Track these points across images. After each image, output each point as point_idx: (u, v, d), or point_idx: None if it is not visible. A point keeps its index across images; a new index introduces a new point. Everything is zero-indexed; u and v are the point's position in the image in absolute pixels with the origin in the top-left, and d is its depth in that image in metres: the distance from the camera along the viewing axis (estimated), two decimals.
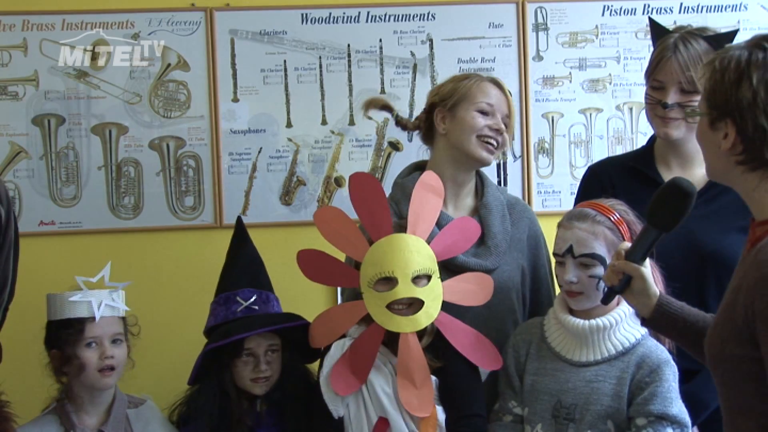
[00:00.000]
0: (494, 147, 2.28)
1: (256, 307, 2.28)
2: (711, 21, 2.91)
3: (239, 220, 2.45)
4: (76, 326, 2.16)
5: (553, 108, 3.08)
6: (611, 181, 2.27)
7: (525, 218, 2.36)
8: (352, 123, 3.01)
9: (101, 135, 2.95)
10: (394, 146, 3.02)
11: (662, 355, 1.95)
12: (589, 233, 1.96)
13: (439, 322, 2.11)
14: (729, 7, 3.09)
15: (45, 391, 2.21)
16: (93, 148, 2.95)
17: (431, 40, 3.04)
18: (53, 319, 2.20)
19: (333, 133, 3.02)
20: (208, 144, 2.98)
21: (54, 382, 2.21)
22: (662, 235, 1.72)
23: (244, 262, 2.37)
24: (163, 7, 2.96)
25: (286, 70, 3.00)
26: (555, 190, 3.08)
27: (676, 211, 1.68)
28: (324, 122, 3.02)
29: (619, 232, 1.96)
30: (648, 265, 1.77)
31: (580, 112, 3.09)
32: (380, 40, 3.02)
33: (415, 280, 2.07)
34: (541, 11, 3.06)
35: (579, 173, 2.99)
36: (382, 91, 3.02)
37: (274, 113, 3.00)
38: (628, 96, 3.08)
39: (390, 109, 2.46)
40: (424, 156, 2.47)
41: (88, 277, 2.22)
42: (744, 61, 1.46)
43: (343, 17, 3.01)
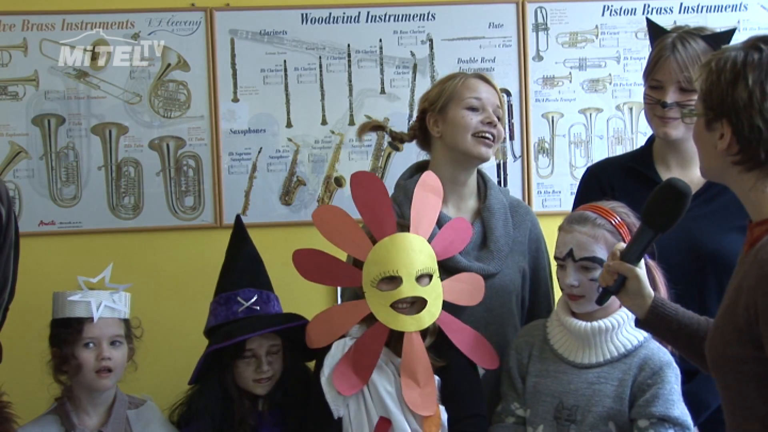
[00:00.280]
0: (491, 141, 2.27)
1: (257, 308, 2.28)
2: (711, 21, 2.92)
3: (238, 219, 2.45)
4: (75, 326, 2.16)
5: (553, 108, 3.08)
6: (610, 182, 2.27)
7: (527, 221, 2.36)
8: (352, 123, 3.01)
9: (101, 135, 2.95)
10: (394, 146, 3.02)
11: (664, 357, 1.95)
12: (590, 237, 1.95)
13: (441, 321, 2.12)
14: (729, 7, 3.09)
15: (45, 391, 2.21)
16: (93, 148, 2.95)
17: (431, 40, 3.04)
18: (55, 318, 2.21)
19: (333, 133, 3.02)
20: (208, 144, 2.98)
21: (55, 382, 2.21)
22: (658, 236, 1.72)
23: (244, 261, 2.36)
24: (163, 7, 2.96)
25: (286, 70, 3.00)
26: (555, 190, 3.08)
27: (672, 212, 1.68)
28: (324, 122, 3.02)
29: (620, 235, 1.96)
30: (643, 266, 1.77)
31: (580, 112, 3.09)
32: (380, 40, 3.02)
33: (419, 279, 2.08)
34: (541, 11, 3.06)
35: (579, 173, 2.99)
36: (382, 91, 3.02)
37: (274, 113, 3.01)
38: (628, 96, 3.09)
39: (383, 128, 2.48)
40: (425, 156, 2.47)
41: (89, 278, 2.22)
42: (740, 62, 1.47)
43: (343, 17, 3.01)
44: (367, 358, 2.06)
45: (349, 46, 3.02)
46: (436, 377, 2.08)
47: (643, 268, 1.76)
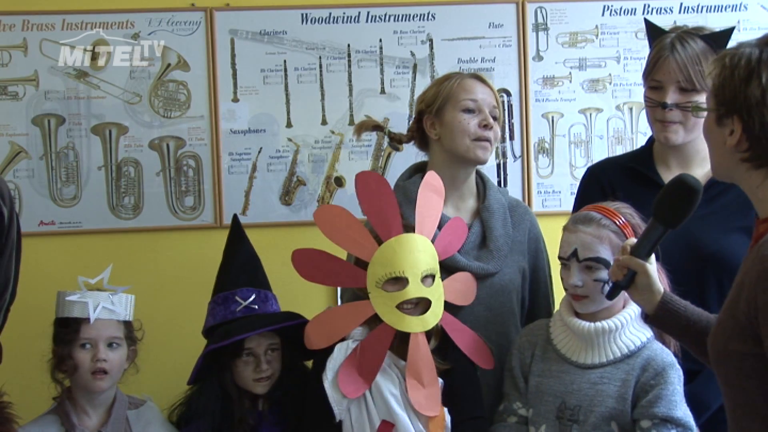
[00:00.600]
0: (489, 142, 2.26)
1: (256, 307, 2.28)
2: (711, 21, 2.92)
3: (235, 219, 2.46)
4: (73, 326, 2.17)
5: (553, 108, 3.08)
6: (611, 182, 2.27)
7: (526, 220, 2.36)
8: (352, 123, 3.00)
9: (101, 135, 2.95)
10: (394, 146, 3.01)
11: (667, 358, 1.95)
12: (594, 237, 1.95)
13: (443, 321, 2.12)
14: (729, 7, 3.09)
15: (46, 391, 2.21)
16: (93, 148, 2.95)
17: (431, 40, 3.04)
18: (57, 317, 2.21)
19: (333, 133, 3.02)
20: (208, 144, 2.98)
21: (56, 382, 2.21)
22: (668, 232, 1.72)
23: (241, 261, 2.37)
24: (163, 7, 2.96)
25: (286, 70, 3.00)
26: (555, 190, 3.08)
27: (682, 208, 1.68)
28: (324, 122, 3.02)
29: (624, 236, 1.95)
30: (653, 261, 1.77)
31: (580, 112, 3.09)
32: (380, 40, 3.02)
33: (423, 280, 2.07)
34: (541, 11, 3.06)
35: (579, 173, 2.99)
36: (382, 91, 3.02)
37: (274, 113, 3.00)
38: (628, 96, 3.09)
39: (381, 129, 2.48)
40: (424, 156, 2.46)
41: (89, 278, 2.22)
42: (755, 59, 1.46)
43: (343, 17, 3.01)
44: (372, 360, 2.04)
45: (349, 46, 3.02)
46: (439, 380, 2.08)
47: (654, 264, 1.76)
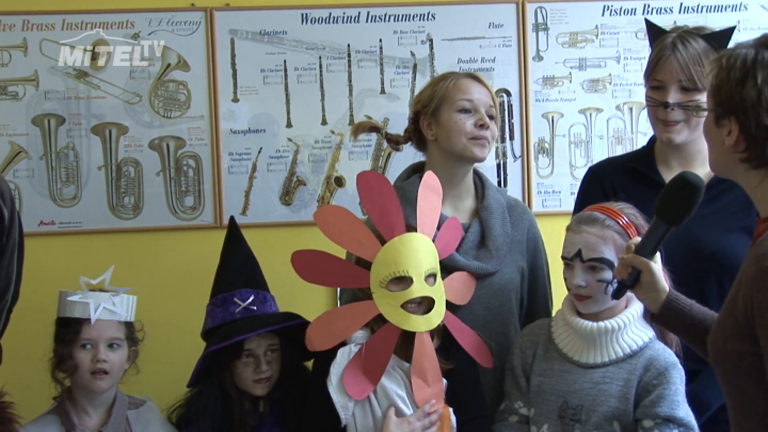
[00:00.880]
0: (486, 141, 2.26)
1: (255, 308, 2.28)
2: (711, 21, 2.92)
3: (232, 220, 2.46)
4: (74, 326, 2.17)
5: (553, 108, 3.08)
6: (612, 182, 2.27)
7: (524, 220, 2.36)
8: (352, 123, 3.00)
9: (101, 135, 2.95)
10: (395, 146, 3.02)
11: (669, 358, 1.95)
12: (598, 237, 1.95)
13: (445, 320, 2.12)
14: (729, 7, 3.09)
15: (46, 391, 2.21)
16: (93, 148, 2.95)
17: (431, 40, 3.04)
18: (58, 316, 2.21)
19: (333, 133, 3.02)
20: (208, 144, 2.98)
21: (57, 382, 2.21)
22: (671, 229, 1.73)
23: (239, 262, 2.37)
24: (163, 7, 2.96)
25: (286, 70, 3.00)
26: (555, 190, 3.08)
27: (685, 205, 1.69)
28: (324, 122, 3.02)
29: (628, 236, 1.95)
30: (658, 259, 1.77)
31: (580, 112, 3.09)
32: (380, 40, 3.02)
33: (427, 279, 2.07)
34: (541, 11, 3.06)
35: (579, 173, 3.00)
36: (382, 91, 3.02)
37: (274, 113, 3.00)
38: (628, 96, 3.09)
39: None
40: (423, 156, 2.46)
41: (89, 278, 2.22)
42: (750, 60, 1.47)
43: (343, 17, 3.01)
44: (377, 361, 2.04)
45: (349, 46, 3.02)
46: (444, 380, 2.08)
47: (658, 262, 1.77)
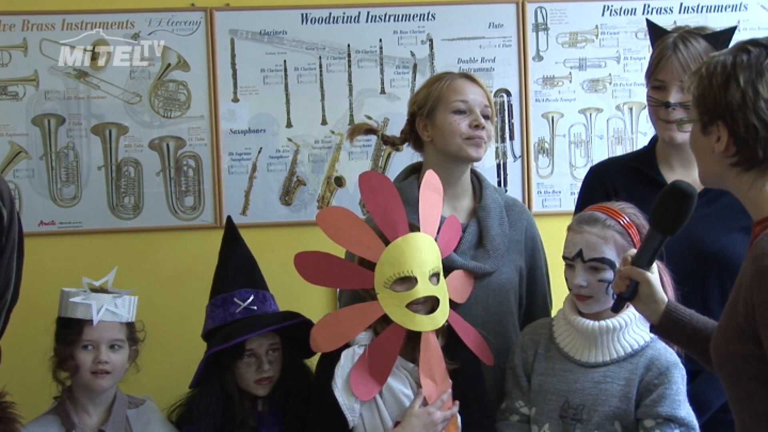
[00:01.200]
0: (481, 141, 2.26)
1: (255, 307, 2.28)
2: (711, 21, 2.92)
3: (229, 221, 2.46)
4: (76, 327, 2.17)
5: (553, 108, 3.08)
6: (613, 182, 2.27)
7: (522, 219, 2.36)
8: (352, 123, 3.00)
9: (101, 135, 2.95)
10: (395, 147, 3.02)
11: (671, 357, 1.95)
12: (599, 237, 1.95)
13: (449, 319, 2.12)
14: (729, 7, 3.09)
15: (47, 390, 2.21)
16: (93, 148, 2.95)
17: (431, 40, 3.04)
18: (60, 316, 2.21)
19: (333, 133, 3.02)
20: (208, 144, 2.98)
21: (57, 381, 2.21)
22: (667, 239, 1.72)
23: (237, 262, 2.36)
24: (163, 7, 2.95)
25: (286, 70, 3.00)
26: (555, 190, 3.08)
27: (679, 214, 1.68)
28: (324, 122, 3.02)
29: (629, 235, 1.95)
30: (655, 270, 1.76)
31: (580, 112, 3.09)
32: (380, 40, 3.02)
33: (431, 279, 2.07)
34: (541, 11, 3.06)
35: (579, 173, 3.00)
36: (382, 91, 3.02)
37: (274, 113, 3.00)
38: (628, 96, 3.09)
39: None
40: (421, 157, 2.47)
41: (91, 279, 2.22)
42: (729, 64, 1.49)
43: (343, 17, 3.01)
44: (383, 361, 2.04)
45: (349, 46, 3.02)
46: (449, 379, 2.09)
47: (656, 273, 1.75)
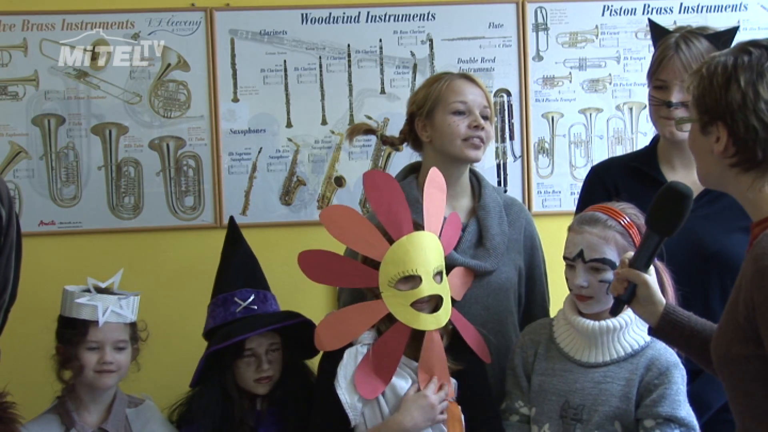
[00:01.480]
0: (480, 142, 2.26)
1: (255, 307, 2.28)
2: (711, 21, 2.92)
3: (232, 221, 2.47)
4: (80, 328, 2.17)
5: (553, 108, 3.08)
6: (614, 182, 2.27)
7: (521, 218, 2.36)
8: (352, 123, 3.00)
9: (101, 135, 2.95)
10: (394, 146, 3.02)
11: (671, 357, 1.95)
12: (600, 238, 1.95)
13: (452, 318, 2.11)
14: (729, 7, 3.09)
15: (47, 390, 2.21)
16: (93, 148, 2.95)
17: (431, 40, 3.04)
18: (63, 316, 2.21)
19: (333, 133, 3.02)
20: (208, 144, 2.98)
21: (56, 381, 2.21)
22: (664, 240, 1.71)
23: (239, 262, 2.37)
24: (163, 7, 2.96)
25: (286, 70, 3.00)
26: (555, 190, 3.08)
27: (675, 215, 1.68)
28: (324, 122, 3.02)
29: (630, 236, 1.95)
30: (652, 272, 1.75)
31: (580, 112, 3.09)
32: (380, 40, 3.02)
33: (435, 277, 2.07)
34: (541, 11, 3.06)
35: (579, 173, 3.00)
36: (382, 91, 3.02)
37: (274, 113, 3.00)
38: (628, 96, 3.09)
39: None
40: (420, 157, 2.47)
41: (96, 280, 2.21)
42: (731, 65, 1.49)
43: (343, 17, 3.01)
44: (388, 360, 2.04)
45: (349, 46, 3.02)
46: (453, 380, 2.09)
47: (653, 275, 1.74)
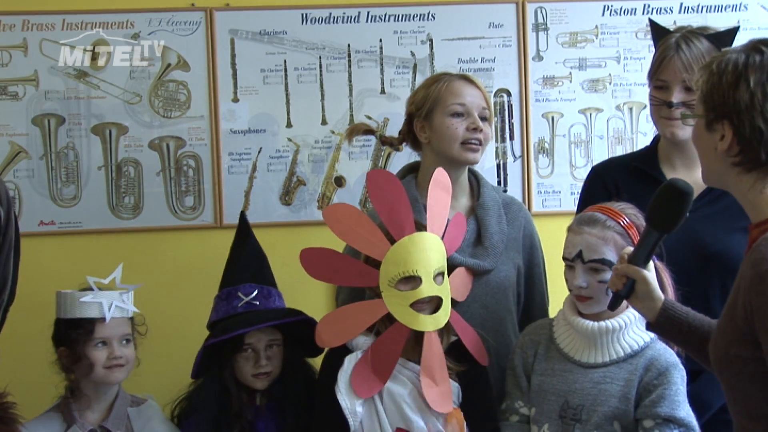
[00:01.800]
0: (478, 145, 2.26)
1: (257, 303, 2.28)
2: (711, 21, 2.92)
3: (243, 216, 2.47)
4: (86, 327, 2.17)
5: (553, 108, 3.08)
6: (615, 182, 2.26)
7: (520, 217, 2.36)
8: (352, 123, 3.00)
9: (101, 135, 2.95)
10: (394, 147, 3.02)
11: (671, 358, 1.95)
12: (599, 238, 1.95)
13: (451, 318, 2.11)
14: (729, 7, 3.09)
15: (47, 390, 2.21)
16: (93, 148, 2.95)
17: (431, 40, 3.04)
18: (63, 318, 2.20)
19: (333, 133, 3.02)
20: (208, 144, 2.98)
21: (58, 380, 2.22)
22: (663, 237, 1.72)
23: (246, 257, 2.38)
24: (163, 7, 2.96)
25: (286, 70, 3.00)
26: (555, 190, 3.08)
27: (675, 212, 1.68)
28: (324, 122, 3.02)
29: (629, 236, 1.95)
30: (651, 268, 1.75)
31: (580, 112, 3.09)
32: (380, 40, 3.02)
33: (435, 278, 2.07)
34: (541, 11, 3.06)
35: (579, 173, 3.00)
36: (382, 91, 3.02)
37: (274, 113, 3.00)
38: (628, 96, 3.09)
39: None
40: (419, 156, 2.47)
41: (96, 278, 2.22)
42: (741, 63, 1.48)
43: (343, 17, 3.01)
44: (386, 360, 2.04)
45: (349, 46, 3.02)
46: (455, 384, 2.09)
47: (652, 271, 1.75)
